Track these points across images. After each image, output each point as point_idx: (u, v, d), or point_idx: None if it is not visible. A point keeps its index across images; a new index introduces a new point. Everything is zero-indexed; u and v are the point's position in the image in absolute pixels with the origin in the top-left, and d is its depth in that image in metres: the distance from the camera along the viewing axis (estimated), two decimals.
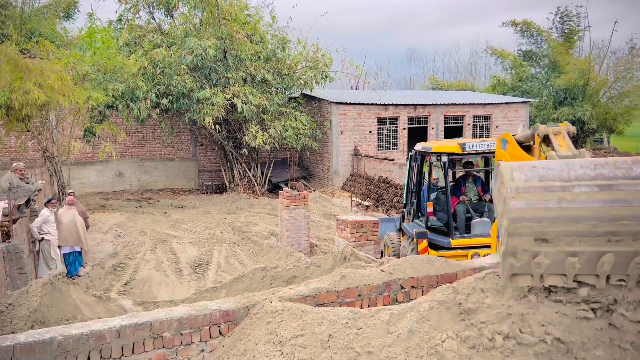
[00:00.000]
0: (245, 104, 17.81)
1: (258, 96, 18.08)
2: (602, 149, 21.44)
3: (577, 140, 26.74)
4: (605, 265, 2.95)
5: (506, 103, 25.28)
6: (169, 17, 21.09)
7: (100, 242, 12.56)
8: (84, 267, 10.06)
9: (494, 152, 8.26)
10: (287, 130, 18.96)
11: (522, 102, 25.65)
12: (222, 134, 19.92)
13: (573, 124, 16.39)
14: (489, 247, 7.54)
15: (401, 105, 22.99)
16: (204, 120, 17.78)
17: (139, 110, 17.62)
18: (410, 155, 9.36)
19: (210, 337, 3.99)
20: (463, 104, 24.36)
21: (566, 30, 28.38)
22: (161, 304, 7.31)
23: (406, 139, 22.84)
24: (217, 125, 18.44)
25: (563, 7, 28.59)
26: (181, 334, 3.86)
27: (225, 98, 17.72)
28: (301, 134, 19.60)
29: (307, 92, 21.64)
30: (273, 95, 19.45)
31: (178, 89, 17.97)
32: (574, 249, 3.02)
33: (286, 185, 19.45)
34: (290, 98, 21.49)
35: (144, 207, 18.72)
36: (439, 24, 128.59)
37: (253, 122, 18.70)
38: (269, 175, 21.23)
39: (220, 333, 4.02)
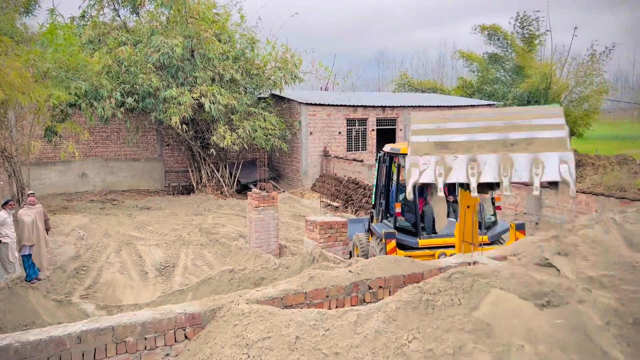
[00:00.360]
0: (213, 103, 17.60)
1: (226, 96, 17.89)
2: None
3: None
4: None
5: (472, 105, 25.77)
6: (134, 15, 20.66)
7: (61, 244, 12.18)
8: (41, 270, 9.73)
9: None
10: (256, 131, 18.83)
11: (488, 105, 26.19)
12: (190, 134, 19.63)
13: None
14: (452, 246, 7.67)
15: (370, 106, 23.16)
16: (171, 120, 17.49)
17: (103, 109, 17.19)
18: (379, 157, 9.43)
19: (176, 341, 3.91)
20: (431, 106, 24.71)
21: (527, 35, 29.17)
22: (125, 307, 7.14)
23: (375, 141, 23.02)
24: (184, 125, 18.15)
25: (522, 12, 29.38)
26: (145, 338, 3.77)
27: (192, 97, 17.47)
28: (270, 135, 19.49)
29: (277, 92, 21.56)
30: (242, 95, 19.28)
31: (144, 87, 17.61)
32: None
33: (255, 186, 19.32)
34: (260, 98, 21.36)
35: (108, 208, 18.28)
36: (407, 27, 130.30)
37: (221, 122, 18.50)
38: (237, 176, 21.04)
39: (186, 337, 3.95)
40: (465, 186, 4.03)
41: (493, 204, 8.81)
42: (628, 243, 5.04)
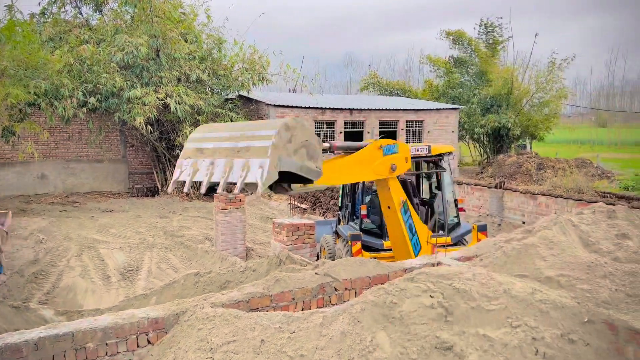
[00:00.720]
0: (179, 104, 17.35)
1: (193, 96, 17.66)
2: (525, 154, 22.73)
3: (503, 146, 28.21)
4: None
5: (437, 109, 26.24)
6: (97, 13, 20.17)
7: (19, 248, 11.76)
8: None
9: (424, 157, 8.55)
10: None
11: (453, 109, 26.72)
12: (154, 135, 19.28)
13: (499, 131, 17.32)
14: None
15: (338, 109, 23.28)
16: (135, 120, 17.13)
17: (64, 109, 16.70)
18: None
19: (138, 347, 3.84)
20: (397, 110, 25.02)
21: (490, 41, 29.90)
22: (86, 313, 6.95)
23: None
24: (148, 126, 17.81)
25: (486, 18, 30.09)
26: (106, 344, 3.68)
27: (157, 98, 17.17)
28: None
29: (244, 93, 21.42)
30: (208, 95, 19.07)
31: (107, 87, 17.20)
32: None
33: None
34: (227, 99, 21.18)
35: (70, 211, 17.75)
36: (375, 31, 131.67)
37: (187, 122, 18.24)
38: None
39: (149, 342, 3.88)
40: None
41: (456, 206, 8.98)
42: (584, 243, 5.24)
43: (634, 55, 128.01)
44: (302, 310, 4.57)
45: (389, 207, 7.08)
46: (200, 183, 4.76)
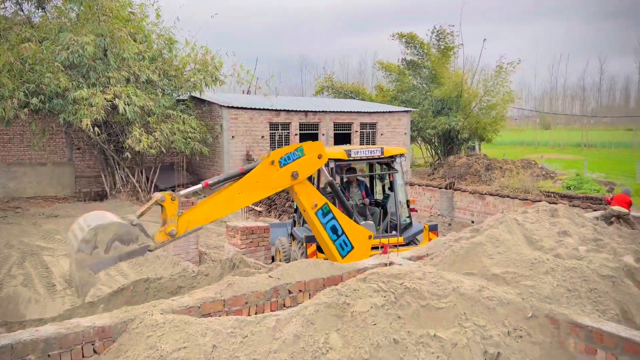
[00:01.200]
0: (128, 105, 16.84)
1: (143, 97, 17.18)
2: (474, 155, 23.48)
3: (453, 148, 29.01)
4: None
5: (390, 112, 26.68)
6: (40, 10, 19.30)
7: None
8: None
9: (376, 158, 8.67)
10: (174, 134, 18.24)
11: (405, 111, 27.24)
12: (102, 137, 18.64)
13: (449, 133, 17.83)
14: (375, 248, 7.89)
15: (293, 111, 23.26)
16: (81, 122, 16.49)
17: (4, 110, 15.87)
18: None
19: (84, 357, 3.70)
20: (351, 112, 25.26)
21: (442, 47, 30.70)
22: (28, 323, 6.62)
23: None
24: (96, 128, 17.19)
25: (438, 25, 30.88)
26: (49, 355, 3.52)
27: (105, 99, 16.60)
28: (190, 138, 18.97)
29: (197, 94, 21.05)
30: (159, 96, 18.61)
31: (51, 87, 16.48)
32: None
33: (174, 191, 18.69)
34: (178, 100, 20.74)
35: (11, 216, 16.89)
36: (329, 33, 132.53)
37: (137, 124, 17.74)
38: (155, 181, 20.27)
39: (95, 351, 3.74)
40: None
41: (408, 206, 9.15)
42: (528, 241, 5.45)
43: (574, 60, 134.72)
44: (256, 314, 4.52)
45: (304, 211, 7.18)
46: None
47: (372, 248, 7.85)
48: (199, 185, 6.42)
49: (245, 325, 3.74)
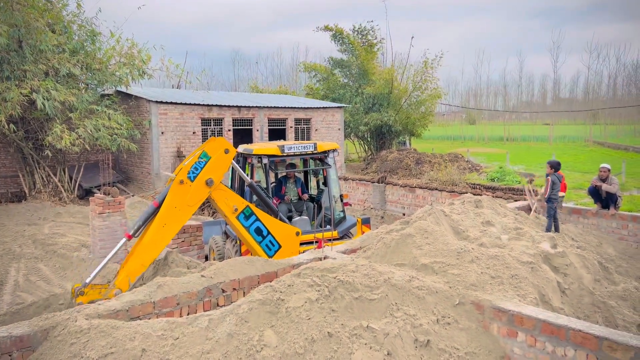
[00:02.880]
0: (48, 100, 15.82)
1: (63, 92, 16.19)
2: (405, 150, 24.18)
3: (385, 143, 29.73)
4: None
5: (324, 108, 26.87)
6: None
7: None
8: None
9: (310, 154, 8.71)
10: (99, 130, 17.35)
11: (338, 107, 27.54)
12: (19, 135, 17.41)
13: (381, 128, 18.18)
14: (310, 243, 7.93)
15: (225, 106, 22.84)
16: None
17: None
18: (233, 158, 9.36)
19: None
20: (285, 107, 25.19)
21: (366, 43, 31.33)
22: None
23: (232, 141, 22.78)
24: (12, 125, 16.04)
25: (358, 23, 31.51)
26: None
27: (21, 93, 15.50)
28: (116, 135, 18.13)
29: (123, 89, 20.14)
30: (82, 91, 17.63)
31: None
32: None
33: (99, 190, 17.85)
34: (103, 95, 19.75)
35: None
36: (262, 27, 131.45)
37: (58, 120, 16.71)
38: (78, 180, 19.22)
39: None
40: None
41: (342, 200, 9.27)
42: (455, 231, 5.68)
43: (496, 58, 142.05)
44: (188, 314, 4.41)
45: (225, 216, 7.12)
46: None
47: (307, 243, 7.89)
48: (122, 241, 6.14)
49: (176, 326, 3.63)
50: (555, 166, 8.69)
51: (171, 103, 20.98)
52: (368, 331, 3.75)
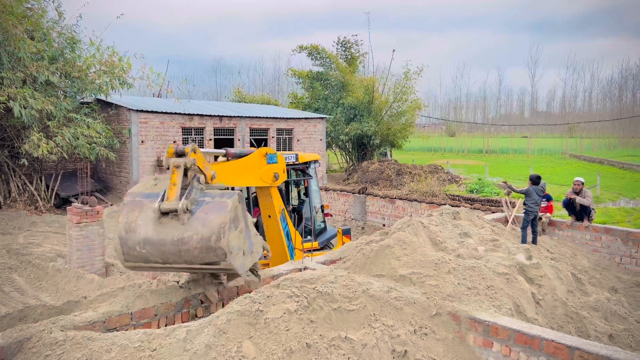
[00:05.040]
0: (25, 108, 15.60)
1: (41, 100, 15.98)
2: (386, 161, 24.38)
3: (366, 153, 29.92)
4: None
5: (306, 118, 26.99)
6: None
7: None
8: None
9: (291, 165, 8.75)
10: (78, 139, 17.14)
11: (320, 118, 27.68)
12: None
13: (362, 139, 18.32)
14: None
15: (207, 115, 22.78)
16: None
17: None
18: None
19: None
20: (267, 117, 25.23)
21: (348, 56, 31.65)
22: None
23: None
24: None
25: (342, 36, 31.83)
26: None
27: None
28: (95, 143, 17.93)
29: (102, 97, 19.95)
30: (60, 99, 17.41)
31: None
32: None
33: (77, 199, 17.61)
34: (82, 103, 19.53)
35: None
36: (245, 37, 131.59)
37: (35, 128, 16.47)
38: (56, 189, 18.91)
39: None
40: None
41: (323, 211, 9.31)
42: (433, 243, 5.76)
43: (475, 72, 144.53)
44: (166, 326, 4.38)
45: (269, 216, 7.25)
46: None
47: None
48: (222, 151, 6.23)
49: (154, 338, 3.61)
50: (533, 179, 8.95)
51: (152, 112, 20.85)
52: (346, 342, 3.78)
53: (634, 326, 5.68)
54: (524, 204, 8.88)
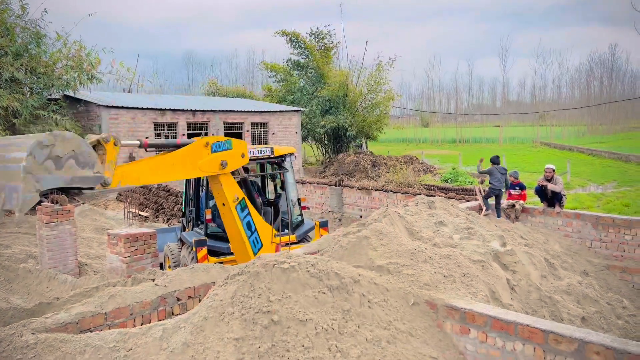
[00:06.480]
0: None
1: (6, 97, 15.51)
2: (362, 153, 24.45)
3: (342, 146, 29.97)
4: None
5: (281, 111, 26.85)
6: None
7: None
8: None
9: (267, 158, 8.68)
10: None
11: (295, 111, 27.58)
12: None
13: (338, 131, 18.32)
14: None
15: (179, 110, 22.45)
16: None
17: None
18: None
19: None
20: (241, 111, 25.01)
21: (322, 47, 31.55)
22: None
23: None
24: None
25: (315, 27, 31.66)
26: None
27: None
28: None
29: (70, 93, 19.46)
30: (26, 96, 16.92)
31: None
32: None
33: (47, 198, 17.15)
34: (50, 100, 19.02)
35: None
36: (215, 30, 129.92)
37: (0, 127, 15.98)
38: None
39: None
40: None
41: (299, 204, 9.28)
42: (409, 232, 5.79)
43: (447, 62, 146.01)
44: (142, 325, 4.30)
45: (223, 204, 7.16)
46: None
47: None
48: (137, 142, 6.11)
49: (129, 337, 3.54)
50: (493, 160, 9.97)
51: (122, 107, 20.45)
52: (326, 332, 3.77)
53: (605, 308, 5.84)
54: (489, 182, 9.66)
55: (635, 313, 6.16)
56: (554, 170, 9.67)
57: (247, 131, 25.22)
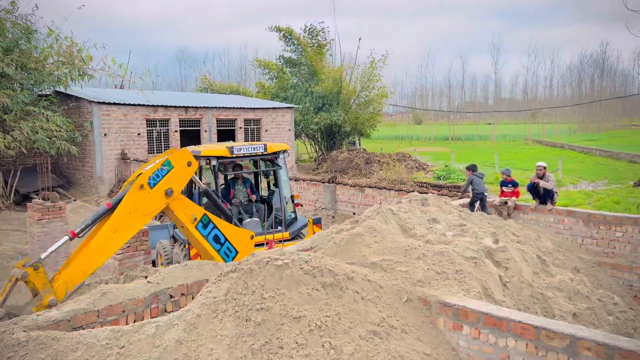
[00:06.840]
0: None
1: None
2: (355, 150, 24.47)
3: (335, 143, 29.97)
4: None
5: (274, 108, 26.78)
6: None
7: None
8: None
9: (260, 155, 8.66)
10: (37, 133, 16.57)
11: (288, 108, 27.53)
12: None
13: (331, 128, 18.25)
14: (262, 244, 7.88)
15: (172, 107, 22.34)
16: None
17: None
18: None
19: None
20: (234, 108, 24.92)
21: (315, 44, 31.51)
22: None
23: (179, 142, 22.30)
24: None
25: (309, 23, 31.63)
26: None
27: None
28: (56, 137, 17.35)
29: (62, 89, 19.28)
30: (17, 92, 16.76)
31: None
32: None
33: (38, 195, 17.03)
34: (41, 96, 18.84)
35: None
36: (209, 26, 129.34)
37: None
38: (15, 185, 18.25)
39: None
40: None
41: (293, 201, 9.27)
42: (402, 229, 5.80)
43: (439, 60, 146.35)
44: (134, 322, 4.28)
45: (182, 227, 6.79)
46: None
47: (259, 245, 7.82)
48: (64, 238, 5.51)
49: (122, 335, 3.53)
50: (471, 169, 10.18)
51: (114, 104, 20.33)
52: (319, 329, 3.77)
53: (596, 304, 5.89)
54: (473, 189, 9.87)
55: (625, 309, 6.21)
56: (545, 168, 9.73)
57: (240, 128, 25.15)
